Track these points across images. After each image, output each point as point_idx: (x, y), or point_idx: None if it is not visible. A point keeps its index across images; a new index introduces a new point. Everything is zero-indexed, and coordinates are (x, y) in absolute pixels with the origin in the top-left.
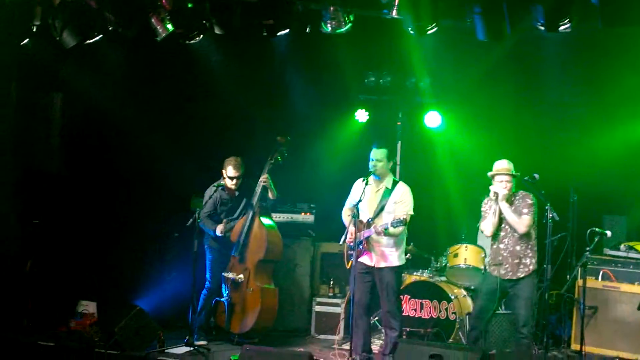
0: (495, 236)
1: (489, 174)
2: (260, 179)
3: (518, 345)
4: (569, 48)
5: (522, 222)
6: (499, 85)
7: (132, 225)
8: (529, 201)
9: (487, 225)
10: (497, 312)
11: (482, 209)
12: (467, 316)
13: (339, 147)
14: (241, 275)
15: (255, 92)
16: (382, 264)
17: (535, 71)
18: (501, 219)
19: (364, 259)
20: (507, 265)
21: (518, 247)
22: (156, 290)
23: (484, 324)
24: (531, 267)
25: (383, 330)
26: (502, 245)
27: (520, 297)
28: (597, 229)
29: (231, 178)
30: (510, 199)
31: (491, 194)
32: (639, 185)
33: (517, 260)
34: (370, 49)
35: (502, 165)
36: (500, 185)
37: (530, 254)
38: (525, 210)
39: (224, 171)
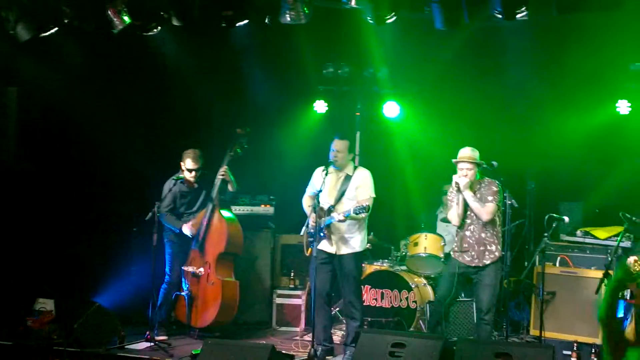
0: (461, 223)
1: (453, 161)
2: (219, 172)
3: (480, 331)
4: (526, 36)
5: (485, 209)
6: (457, 75)
7: (90, 220)
8: (495, 188)
9: (452, 215)
10: (459, 299)
11: (448, 197)
12: (428, 305)
13: (298, 138)
14: (201, 269)
15: (215, 83)
16: (344, 250)
17: (494, 60)
18: (466, 207)
19: (325, 246)
20: (473, 253)
21: (483, 235)
22: (115, 285)
23: (444, 310)
24: (497, 253)
25: (344, 321)
26: (468, 233)
27: (484, 283)
28: (555, 215)
29: (190, 171)
30: (474, 186)
31: (453, 184)
32: (594, 171)
33: (482, 248)
34: (329, 40)
35: (464, 153)
36: (461, 174)
37: (496, 241)
38: (490, 198)
39: (182, 164)
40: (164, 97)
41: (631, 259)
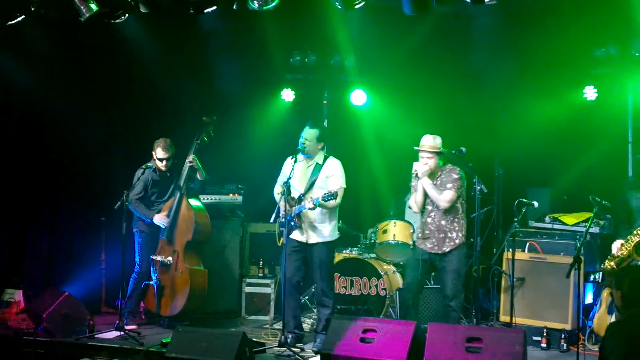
0: (422, 210)
1: (415, 148)
2: (187, 160)
3: (448, 318)
4: (494, 22)
5: (443, 197)
6: (424, 61)
7: (59, 210)
8: (455, 175)
9: (412, 202)
10: (427, 286)
11: (412, 183)
12: (397, 292)
13: (266, 127)
14: (170, 258)
15: (182, 71)
16: (314, 240)
17: (461, 45)
18: (426, 194)
19: (296, 235)
20: (433, 240)
21: (444, 222)
22: (84, 275)
23: (413, 296)
24: (457, 241)
25: (315, 309)
26: (429, 219)
27: (447, 270)
28: (524, 200)
29: (161, 159)
30: (435, 173)
31: (413, 171)
32: (562, 157)
33: (442, 235)
34: (296, 27)
35: (424, 141)
36: (422, 162)
37: (457, 228)
38: (449, 185)
39: (153, 153)
40: (130, 86)
41: (617, 243)
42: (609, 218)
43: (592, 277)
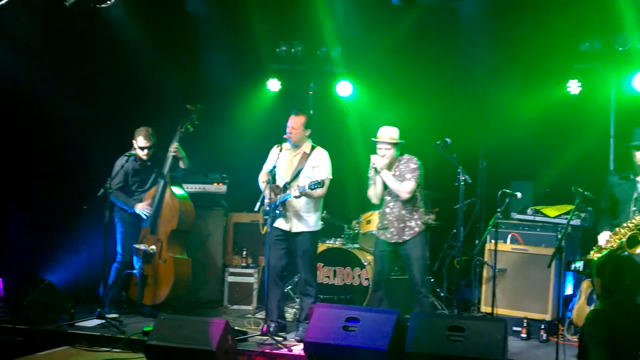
0: (382, 200)
1: (372, 139)
2: (170, 148)
3: (421, 305)
4: (480, 14)
5: (404, 188)
6: (410, 53)
7: (40, 198)
8: (413, 165)
9: (371, 195)
10: (397, 277)
11: (369, 175)
12: (372, 287)
13: (251, 117)
14: (153, 247)
15: (168, 58)
16: (299, 229)
17: (447, 37)
18: (386, 186)
19: (280, 224)
20: (392, 229)
21: (404, 211)
22: (65, 264)
23: (384, 286)
24: (417, 229)
25: (298, 298)
26: (387, 210)
27: (411, 257)
28: (507, 190)
29: (142, 148)
30: (393, 164)
31: (371, 164)
32: (545, 150)
33: (402, 225)
34: (283, 17)
35: (382, 132)
36: (380, 153)
37: (416, 217)
38: (408, 176)
39: (134, 142)
40: (115, 72)
41: (605, 234)
42: (590, 211)
43: (572, 265)
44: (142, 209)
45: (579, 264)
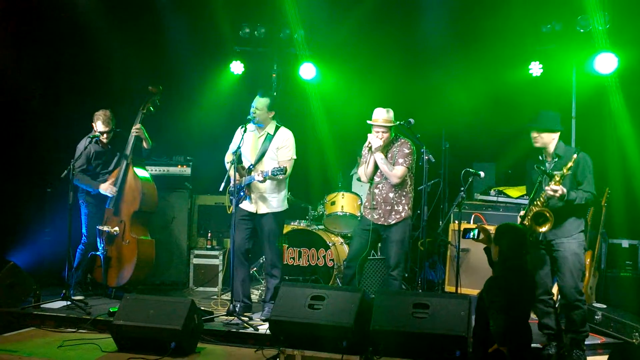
0: (371, 180)
1: (369, 122)
2: (133, 130)
3: (389, 287)
4: None
5: (395, 173)
6: (372, 36)
7: (5, 180)
8: (406, 150)
9: (361, 173)
10: (372, 257)
11: (363, 152)
12: (345, 262)
13: (215, 99)
14: (116, 228)
15: (130, 39)
16: (264, 210)
17: (409, 20)
18: (377, 167)
19: (245, 205)
20: (380, 211)
21: (392, 194)
22: (30, 246)
23: (358, 265)
24: (403, 214)
25: (263, 280)
26: (376, 191)
27: (391, 240)
28: (471, 170)
29: (101, 132)
30: (387, 146)
31: (367, 143)
32: (506, 132)
33: (389, 207)
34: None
35: (378, 115)
36: (377, 136)
37: (404, 201)
38: (400, 160)
39: (93, 124)
40: (77, 54)
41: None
42: None
43: (469, 234)
44: (106, 189)
45: (475, 232)
